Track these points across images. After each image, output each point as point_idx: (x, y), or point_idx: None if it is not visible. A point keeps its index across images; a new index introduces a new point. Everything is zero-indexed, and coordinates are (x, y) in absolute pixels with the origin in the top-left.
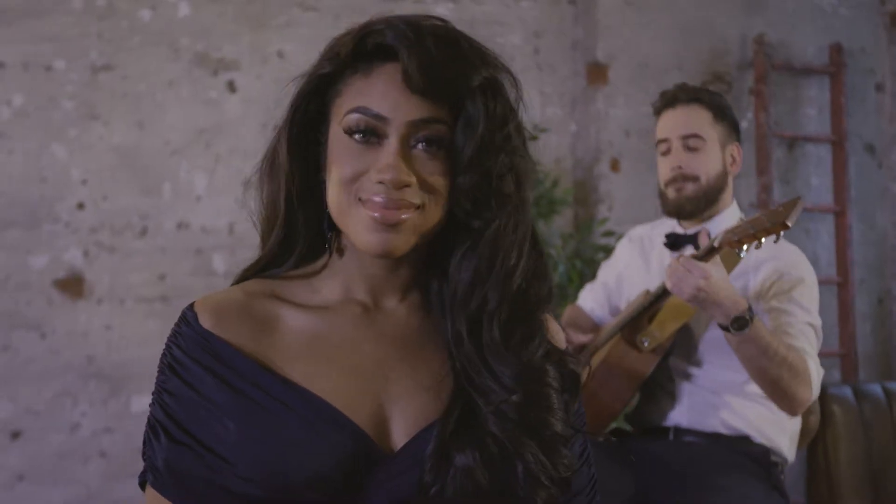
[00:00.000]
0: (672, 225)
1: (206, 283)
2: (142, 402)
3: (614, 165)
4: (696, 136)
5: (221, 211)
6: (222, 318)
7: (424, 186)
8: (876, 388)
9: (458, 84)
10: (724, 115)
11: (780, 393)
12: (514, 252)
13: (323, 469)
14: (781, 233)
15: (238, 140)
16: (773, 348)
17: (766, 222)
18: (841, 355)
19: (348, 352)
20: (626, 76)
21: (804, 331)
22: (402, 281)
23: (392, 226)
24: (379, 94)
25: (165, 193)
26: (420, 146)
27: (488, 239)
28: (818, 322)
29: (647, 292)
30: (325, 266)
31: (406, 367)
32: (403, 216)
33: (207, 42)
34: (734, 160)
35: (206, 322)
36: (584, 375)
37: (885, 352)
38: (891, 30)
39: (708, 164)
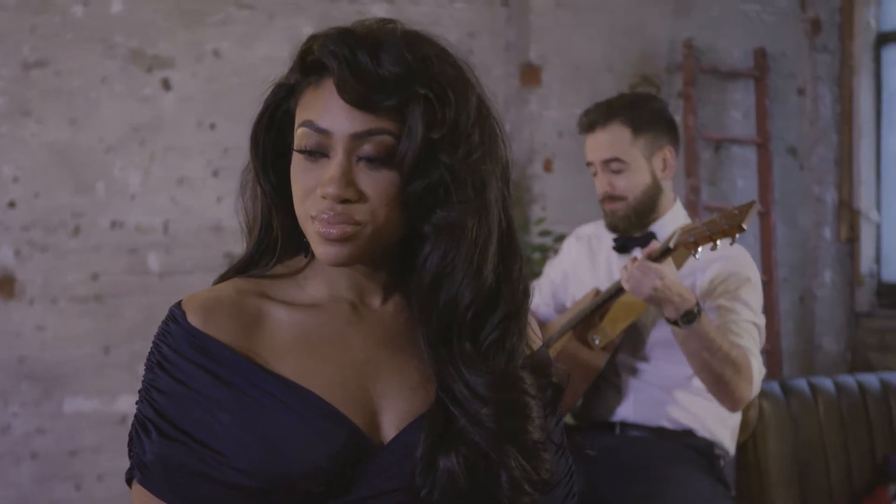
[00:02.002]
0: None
1: (140, 282)
2: (75, 403)
3: (547, 166)
4: (615, 159)
5: (156, 209)
6: (211, 316)
7: (370, 200)
8: (802, 384)
9: (397, 94)
10: (646, 125)
11: (722, 388)
12: (474, 255)
13: (317, 461)
14: (737, 235)
15: (173, 138)
16: (717, 344)
17: (723, 225)
18: (766, 352)
19: (339, 348)
20: (558, 77)
21: (748, 329)
22: (383, 281)
23: (337, 240)
24: (322, 106)
25: (99, 191)
26: (365, 160)
27: (441, 244)
28: (762, 321)
29: (598, 291)
30: (308, 264)
31: (394, 365)
32: (347, 230)
33: (142, 39)
34: (665, 165)
35: (194, 319)
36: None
37: (806, 349)
38: (812, 36)
39: (633, 182)
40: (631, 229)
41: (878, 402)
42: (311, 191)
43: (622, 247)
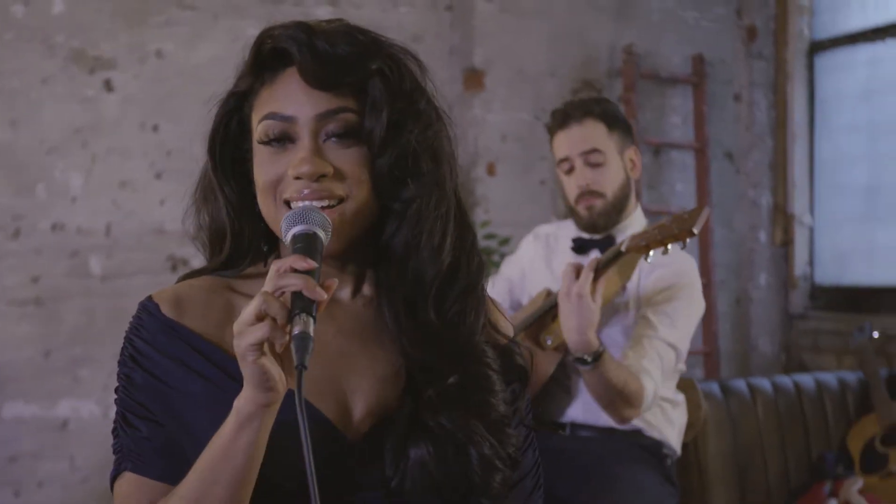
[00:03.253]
0: (576, 228)
1: (81, 285)
2: (15, 408)
3: (491, 169)
4: (595, 150)
5: (98, 212)
6: (184, 308)
7: (344, 177)
8: (741, 384)
9: (357, 71)
10: (616, 122)
11: (609, 410)
12: (437, 229)
13: (293, 455)
14: (687, 240)
15: (115, 140)
16: (612, 382)
17: (674, 229)
18: (704, 353)
19: None
20: (502, 82)
21: (658, 349)
22: (352, 277)
23: None
24: (283, 96)
25: (40, 193)
26: (333, 139)
27: (411, 218)
28: (682, 341)
29: (549, 292)
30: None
31: (364, 360)
32: (329, 206)
33: (83, 39)
34: (634, 164)
35: (168, 311)
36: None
37: (742, 349)
38: (747, 43)
39: (611, 177)
40: (609, 227)
41: (814, 402)
42: (281, 177)
43: (580, 247)
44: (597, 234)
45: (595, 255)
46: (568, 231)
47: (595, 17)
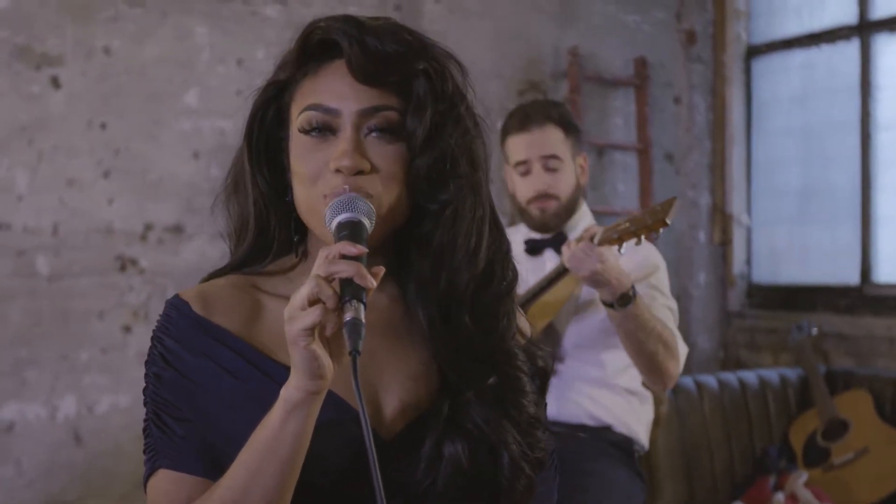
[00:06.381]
0: (527, 231)
1: (28, 285)
2: None
3: None
4: (554, 156)
5: (45, 210)
6: (212, 305)
7: (380, 173)
8: (688, 381)
9: (403, 69)
10: (571, 128)
11: (654, 367)
12: (473, 233)
13: (327, 453)
14: (661, 230)
15: (62, 137)
16: (650, 324)
17: (648, 220)
18: None
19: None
20: None
21: (666, 314)
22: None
23: None
24: (328, 89)
25: None
26: (374, 134)
27: (447, 221)
28: (675, 305)
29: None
30: (301, 262)
31: (394, 357)
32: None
33: (29, 35)
34: (583, 169)
35: (198, 309)
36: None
37: None
38: (686, 46)
39: (565, 181)
40: (559, 227)
41: (757, 398)
42: (321, 170)
43: (532, 248)
44: (547, 233)
45: (548, 254)
46: (518, 235)
47: (539, 20)
